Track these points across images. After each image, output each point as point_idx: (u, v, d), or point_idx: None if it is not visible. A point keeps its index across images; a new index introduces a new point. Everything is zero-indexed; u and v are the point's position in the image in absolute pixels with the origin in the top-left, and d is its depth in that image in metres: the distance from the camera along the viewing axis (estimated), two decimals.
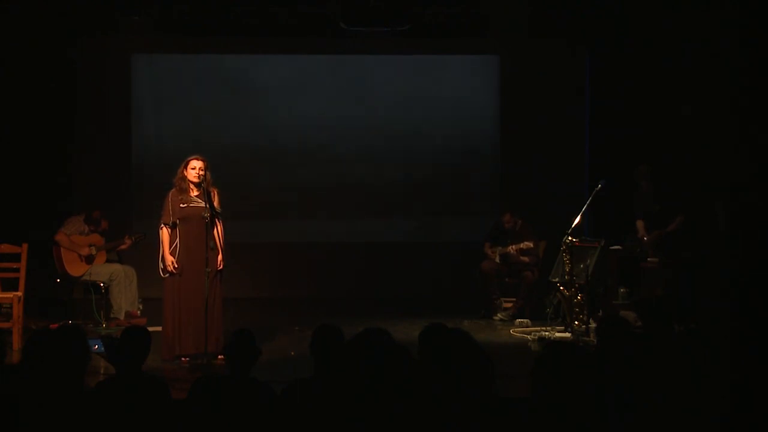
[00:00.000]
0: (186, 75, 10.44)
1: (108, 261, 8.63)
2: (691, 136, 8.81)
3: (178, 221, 6.73)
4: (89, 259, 8.46)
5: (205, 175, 6.73)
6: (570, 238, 7.96)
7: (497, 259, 9.06)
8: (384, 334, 3.76)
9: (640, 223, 8.47)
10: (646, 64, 9.34)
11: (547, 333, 7.89)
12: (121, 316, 8.31)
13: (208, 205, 6.65)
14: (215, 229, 6.74)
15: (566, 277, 7.95)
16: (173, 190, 6.79)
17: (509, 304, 8.94)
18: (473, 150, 10.62)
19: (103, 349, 5.91)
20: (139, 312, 8.49)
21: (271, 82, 10.48)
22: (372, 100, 10.54)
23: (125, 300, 8.41)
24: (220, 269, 6.76)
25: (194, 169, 6.73)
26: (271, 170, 10.47)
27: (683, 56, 8.79)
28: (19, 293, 7.39)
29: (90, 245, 8.48)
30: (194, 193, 6.76)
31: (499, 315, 8.85)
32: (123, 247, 8.67)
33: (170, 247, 6.72)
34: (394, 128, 10.52)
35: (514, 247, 8.95)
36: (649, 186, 8.56)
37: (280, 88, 10.48)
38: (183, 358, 6.70)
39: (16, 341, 7.15)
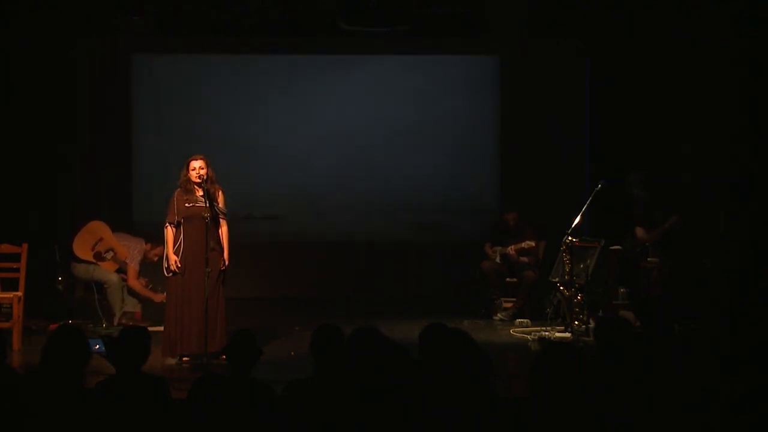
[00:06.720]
0: (186, 75, 10.42)
1: (117, 271, 8.52)
2: (692, 135, 8.81)
3: (182, 221, 6.74)
4: (98, 256, 8.37)
5: (206, 174, 6.74)
6: (570, 238, 7.96)
7: (497, 259, 9.05)
8: (374, 332, 3.77)
9: (639, 230, 8.42)
10: (647, 64, 9.34)
11: (547, 333, 7.89)
12: (120, 320, 8.27)
13: (208, 205, 6.66)
14: (219, 230, 6.76)
15: (566, 277, 7.95)
16: (179, 189, 6.80)
17: (509, 304, 8.93)
18: (473, 150, 10.60)
19: (103, 349, 5.92)
20: (140, 314, 8.45)
21: (270, 82, 10.47)
22: (372, 99, 10.52)
23: (125, 303, 8.39)
24: (223, 269, 6.77)
25: (194, 169, 6.74)
26: (271, 170, 10.46)
27: (683, 56, 8.79)
28: (19, 293, 7.39)
29: (107, 250, 8.39)
30: (199, 193, 6.76)
31: (499, 315, 8.85)
32: (155, 299, 8.38)
33: (174, 247, 6.73)
34: (394, 128, 10.51)
35: (513, 248, 8.95)
36: (642, 193, 8.55)
37: (279, 88, 10.47)
38: (184, 358, 6.70)
39: (16, 341, 7.17)
